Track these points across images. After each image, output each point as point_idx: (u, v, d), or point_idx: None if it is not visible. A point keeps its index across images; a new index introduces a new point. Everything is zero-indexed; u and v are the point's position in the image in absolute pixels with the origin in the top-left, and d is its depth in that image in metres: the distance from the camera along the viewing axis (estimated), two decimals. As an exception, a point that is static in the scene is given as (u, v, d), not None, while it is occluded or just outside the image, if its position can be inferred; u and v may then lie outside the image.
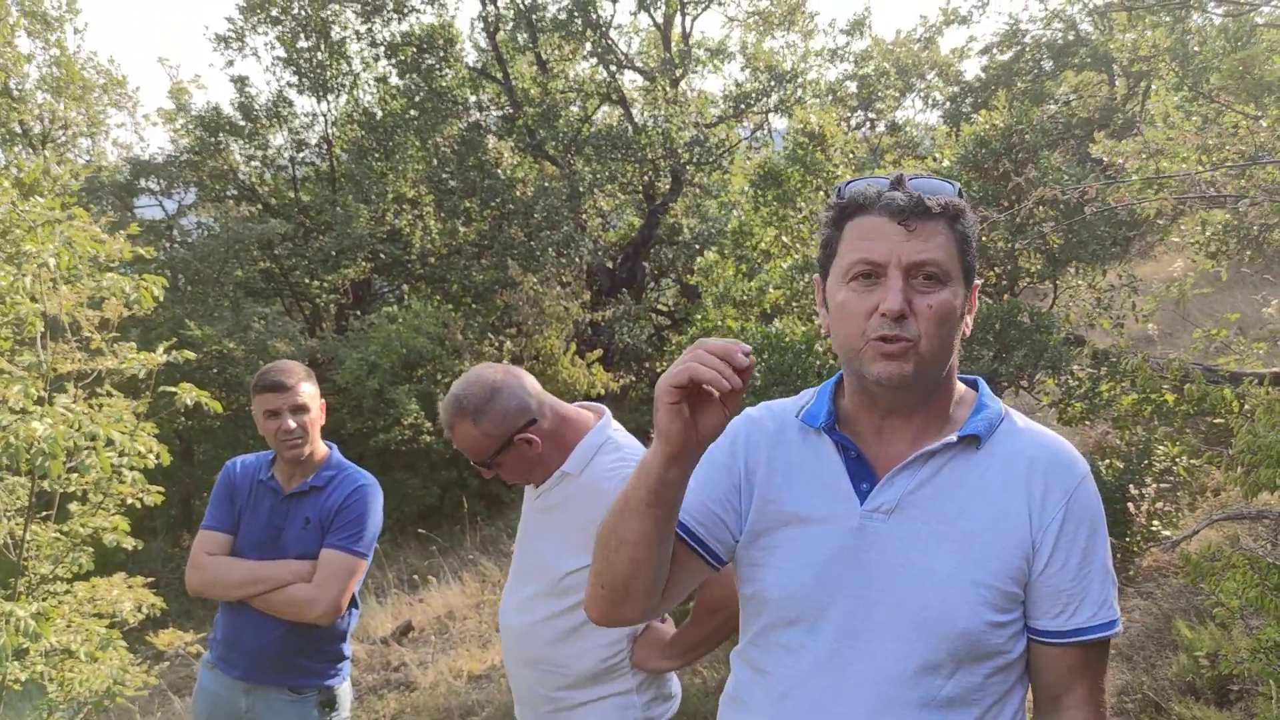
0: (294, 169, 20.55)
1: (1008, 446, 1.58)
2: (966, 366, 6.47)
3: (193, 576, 3.24)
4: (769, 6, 22.00)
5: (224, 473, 3.40)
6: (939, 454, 1.57)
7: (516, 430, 2.51)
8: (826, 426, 1.64)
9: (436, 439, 15.19)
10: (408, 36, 20.15)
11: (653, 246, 20.69)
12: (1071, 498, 1.54)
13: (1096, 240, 7.52)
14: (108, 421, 4.98)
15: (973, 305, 1.61)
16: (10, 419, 4.41)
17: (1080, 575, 1.54)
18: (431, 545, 12.27)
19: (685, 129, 18.85)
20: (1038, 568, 1.53)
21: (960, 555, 1.52)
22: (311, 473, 3.30)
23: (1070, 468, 1.57)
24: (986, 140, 7.78)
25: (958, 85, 26.38)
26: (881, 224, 1.51)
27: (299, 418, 3.20)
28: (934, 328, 1.49)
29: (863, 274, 1.51)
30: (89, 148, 20.54)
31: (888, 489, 1.57)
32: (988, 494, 1.55)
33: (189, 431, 16.18)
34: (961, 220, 1.55)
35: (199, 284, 16.81)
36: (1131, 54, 9.52)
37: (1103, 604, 1.56)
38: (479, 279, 18.13)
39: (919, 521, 1.55)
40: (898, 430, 1.60)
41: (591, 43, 20.42)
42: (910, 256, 1.49)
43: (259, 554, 3.22)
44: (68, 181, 7.43)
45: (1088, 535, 1.54)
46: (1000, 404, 1.66)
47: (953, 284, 1.52)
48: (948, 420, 1.62)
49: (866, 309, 1.50)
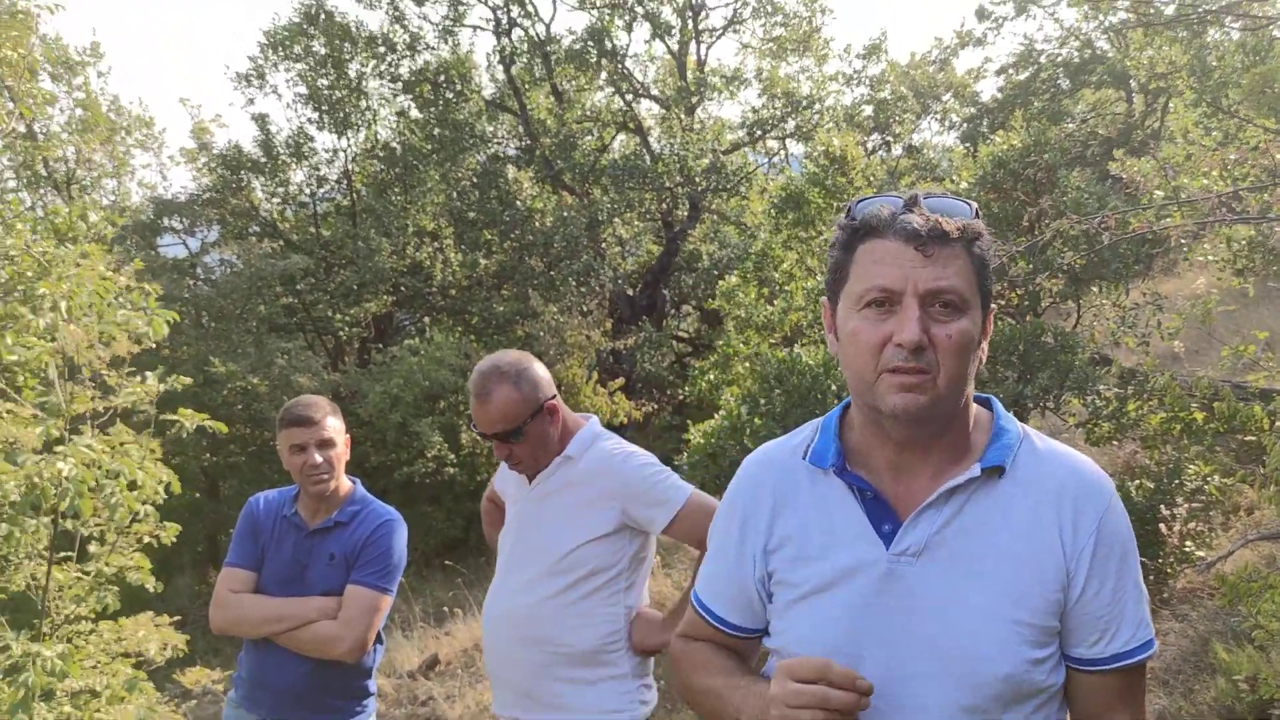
0: (315, 204, 20.75)
1: (1031, 472, 1.51)
2: (990, 389, 6.41)
3: (216, 615, 3.22)
4: (784, 33, 22.08)
5: (247, 509, 3.38)
6: (962, 489, 1.50)
7: (548, 397, 2.68)
8: (837, 467, 1.56)
9: (460, 470, 15.19)
10: (424, 72, 20.36)
11: (672, 273, 20.73)
12: (1102, 521, 1.48)
13: (1119, 259, 7.45)
14: (128, 459, 4.98)
15: (988, 330, 1.53)
16: (34, 459, 4.43)
17: (1115, 599, 1.48)
18: (457, 577, 12.23)
19: (702, 156, 18.92)
20: (1073, 596, 1.47)
21: (995, 594, 1.46)
22: (336, 508, 3.27)
23: (1098, 490, 1.51)
24: (1005, 161, 7.75)
25: (974, 106, 26.33)
26: (896, 248, 1.43)
27: (325, 452, 3.19)
28: (952, 359, 1.42)
29: (876, 301, 1.43)
30: (114, 188, 20.80)
31: (913, 530, 1.50)
32: (1016, 526, 1.48)
33: (214, 467, 16.28)
34: (979, 243, 1.47)
35: (223, 321, 16.94)
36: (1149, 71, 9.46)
37: (1139, 624, 1.50)
38: (500, 310, 18.21)
39: (947, 562, 1.48)
40: (915, 465, 1.52)
41: (607, 72, 20.57)
42: (927, 284, 1.41)
43: (283, 591, 3.19)
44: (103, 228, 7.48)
45: (1120, 557, 1.49)
46: (1017, 424, 1.58)
47: (971, 311, 1.44)
48: (967, 449, 1.54)
49: (880, 338, 1.43)
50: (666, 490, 2.65)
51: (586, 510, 2.68)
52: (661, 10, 21.09)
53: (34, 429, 4.73)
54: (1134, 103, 22.46)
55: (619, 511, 2.66)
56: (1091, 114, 23.36)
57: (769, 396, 6.61)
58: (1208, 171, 6.13)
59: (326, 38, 19.47)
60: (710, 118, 22.02)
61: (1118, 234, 5.65)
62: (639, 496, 2.66)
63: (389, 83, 20.23)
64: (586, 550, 2.67)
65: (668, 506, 2.63)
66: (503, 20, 20.57)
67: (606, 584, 2.69)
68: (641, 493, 2.66)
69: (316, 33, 19.46)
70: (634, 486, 2.66)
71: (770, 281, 11.88)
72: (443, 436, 14.95)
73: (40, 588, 5.85)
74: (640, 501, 2.66)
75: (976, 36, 24.95)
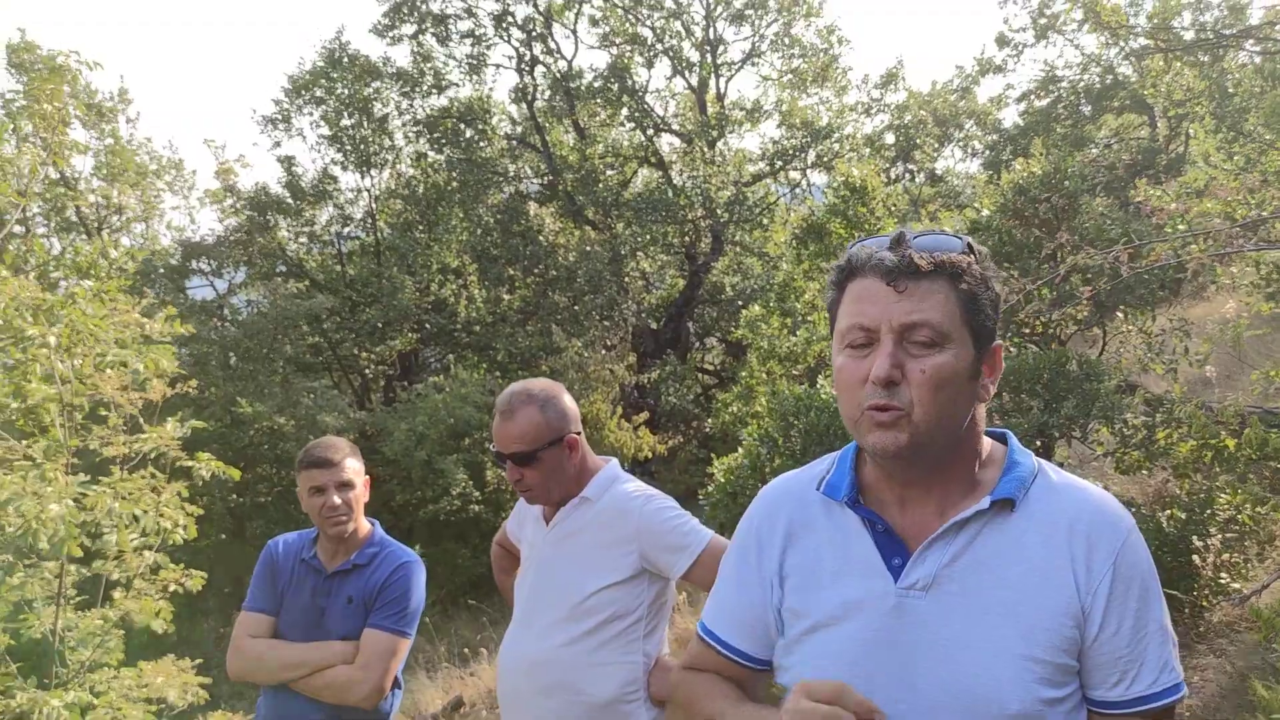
0: (339, 244, 20.96)
1: (1044, 506, 1.47)
2: (1014, 419, 6.32)
3: (234, 661, 3.19)
4: (802, 65, 22.19)
5: (265, 552, 3.35)
6: (971, 522, 1.47)
7: (569, 431, 2.66)
8: (850, 500, 1.54)
9: (485, 508, 15.18)
10: (447, 111, 20.60)
11: (696, 306, 20.74)
12: (1118, 556, 1.43)
13: (1144, 285, 7.35)
14: (127, 500, 4.97)
15: (995, 366, 1.50)
16: (28, 502, 4.42)
17: (1136, 639, 1.42)
18: (482, 616, 12.17)
19: (724, 188, 18.97)
20: (1090, 635, 1.42)
21: (1005, 629, 1.41)
22: (354, 550, 3.25)
23: (1114, 524, 1.46)
24: (1026, 188, 7.70)
25: (996, 133, 26.29)
26: (873, 286, 1.44)
27: (344, 494, 3.18)
28: (928, 394, 1.40)
29: (857, 340, 1.44)
30: (143, 231, 21.11)
31: (921, 564, 1.47)
32: (1028, 560, 1.44)
33: (240, 508, 16.33)
34: (965, 277, 1.44)
35: (249, 361, 17.08)
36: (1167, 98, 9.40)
37: (1163, 668, 1.44)
38: (524, 345, 18.26)
39: (957, 596, 1.44)
40: (921, 500, 1.50)
41: (628, 108, 20.72)
42: (901, 319, 1.41)
43: (302, 635, 3.15)
44: (124, 263, 7.58)
45: (1140, 595, 1.43)
46: (1033, 458, 1.55)
47: (953, 346, 1.42)
48: (975, 484, 1.51)
49: (861, 376, 1.43)
50: (686, 535, 2.60)
51: (604, 554, 2.63)
52: (681, 46, 21.29)
53: (31, 472, 4.72)
54: (1157, 128, 22.35)
55: (638, 556, 2.61)
56: (1114, 139, 23.25)
57: (787, 435, 6.56)
58: (1228, 199, 6.06)
59: (352, 75, 19.76)
60: (731, 150, 22.13)
61: (1135, 266, 5.58)
62: (658, 541, 2.60)
63: (412, 122, 20.49)
64: (605, 595, 2.61)
65: (687, 552, 2.57)
66: (525, 58, 20.82)
67: (625, 630, 2.62)
68: (660, 537, 2.60)
69: (340, 74, 19.75)
70: (653, 530, 2.61)
71: (793, 312, 11.85)
72: (468, 474, 14.96)
73: (53, 633, 5.85)
74: (659, 546, 2.60)
75: (997, 64, 24.97)
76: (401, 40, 20.67)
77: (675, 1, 20.83)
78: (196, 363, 15.87)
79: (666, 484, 17.31)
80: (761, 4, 21.15)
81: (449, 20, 20.47)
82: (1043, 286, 6.42)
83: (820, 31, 22.01)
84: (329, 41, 20.09)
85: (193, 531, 5.70)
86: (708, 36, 21.37)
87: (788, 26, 21.76)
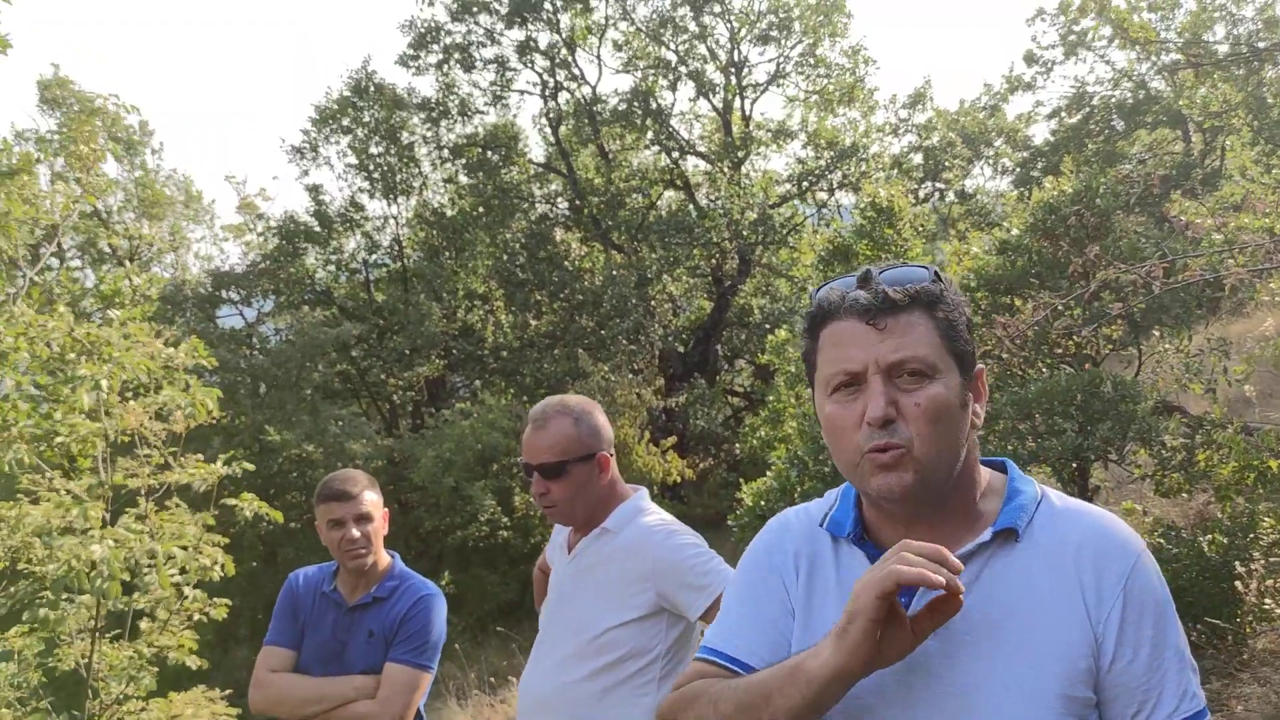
0: (367, 271, 21.10)
1: (1049, 533, 1.42)
2: (1048, 442, 6.18)
3: (256, 696, 3.17)
4: (828, 85, 22.14)
5: (287, 586, 3.33)
6: (975, 556, 1.41)
7: (601, 449, 2.60)
8: (854, 537, 1.50)
9: (513, 534, 15.13)
10: (473, 137, 20.73)
11: (724, 329, 20.67)
12: (1129, 581, 1.37)
13: (1180, 303, 7.19)
14: (168, 539, 5.00)
15: (980, 393, 1.47)
16: (69, 542, 4.44)
17: (1153, 666, 1.36)
18: (512, 643, 12.09)
19: (749, 210, 18.92)
20: (1104, 664, 1.36)
21: (1016, 664, 1.36)
22: (375, 583, 3.22)
23: (1122, 548, 1.40)
24: (1056, 206, 7.56)
25: (1027, 150, 26.12)
26: (851, 328, 1.40)
27: (362, 527, 3.15)
28: (927, 427, 1.36)
29: (844, 385, 1.40)
30: (173, 261, 21.37)
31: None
32: (1035, 591, 1.38)
33: (271, 535, 16.37)
34: (941, 305, 1.42)
35: (278, 389, 17.18)
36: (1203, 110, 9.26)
37: (1184, 695, 1.37)
38: (551, 370, 18.25)
39: (965, 633, 1.38)
40: (925, 538, 1.40)
41: (653, 131, 20.76)
42: (888, 357, 1.37)
43: (323, 669, 3.12)
44: (147, 290, 7.65)
45: (1154, 620, 1.37)
46: (1035, 485, 1.50)
47: (942, 375, 1.39)
48: (978, 517, 1.46)
49: (854, 420, 1.39)
50: (706, 574, 2.46)
51: (622, 590, 2.52)
52: (705, 69, 21.32)
53: (72, 510, 4.75)
54: (1192, 142, 22.09)
55: (654, 593, 2.49)
56: (1148, 155, 23.01)
57: (817, 458, 6.45)
58: (1266, 213, 5.90)
59: (379, 105, 19.95)
60: (758, 171, 22.09)
61: (1169, 282, 5.44)
62: (676, 579, 2.48)
63: (438, 149, 20.64)
64: (620, 633, 2.50)
65: (707, 592, 2.43)
66: (549, 84, 20.93)
67: (640, 671, 2.50)
68: (679, 575, 2.48)
69: (366, 103, 19.94)
70: (672, 568, 2.49)
71: (821, 336, 11.71)
72: (496, 499, 14.93)
73: (87, 667, 5.86)
74: (677, 584, 2.47)
75: (1026, 81, 24.82)
76: (427, 70, 20.86)
77: (699, 24, 20.87)
78: (226, 391, 15.98)
79: (695, 508, 17.20)
80: (786, 25, 21.14)
81: (472, 48, 20.63)
82: (1072, 304, 6.28)
83: (846, 51, 21.98)
84: (355, 72, 20.35)
85: (230, 569, 5.71)
86: (732, 59, 21.38)
87: (813, 47, 21.73)
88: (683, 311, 21.77)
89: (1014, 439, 6.35)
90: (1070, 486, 6.87)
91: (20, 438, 5.17)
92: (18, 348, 5.32)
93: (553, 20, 20.46)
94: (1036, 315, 6.18)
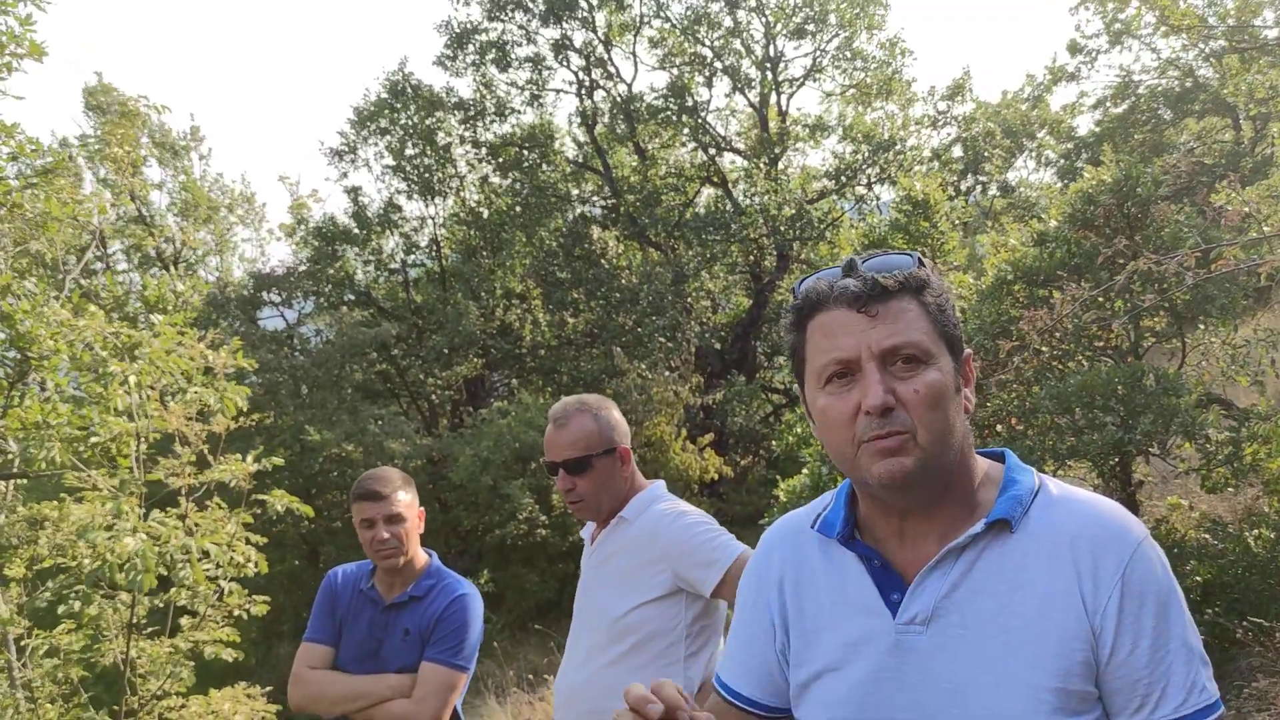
0: (405, 271, 21.25)
1: (1045, 523, 1.39)
2: (1088, 436, 6.05)
3: (294, 692, 3.19)
4: (865, 79, 21.94)
5: (325, 582, 3.36)
6: (968, 547, 1.38)
7: (621, 442, 2.71)
8: (844, 537, 1.48)
9: (552, 532, 15.15)
10: (509, 137, 20.79)
11: (763, 325, 20.57)
12: (1127, 570, 1.33)
13: (1225, 294, 7.01)
14: (202, 534, 5.05)
15: (969, 377, 1.45)
16: (102, 536, 4.49)
17: (1155, 659, 1.32)
18: (550, 641, 12.12)
19: (787, 205, 18.80)
20: (1104, 656, 1.32)
21: (1011, 660, 1.33)
22: (411, 582, 3.23)
23: (1120, 536, 1.35)
24: (1094, 197, 7.41)
25: (1071, 141, 25.70)
26: (842, 316, 1.38)
27: (393, 528, 3.16)
28: (926, 412, 1.34)
29: (836, 375, 1.38)
30: (217, 265, 21.64)
31: (918, 596, 1.40)
32: (1031, 583, 1.35)
33: (313, 533, 16.55)
34: (928, 291, 1.40)
35: (319, 389, 17.34)
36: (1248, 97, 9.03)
37: (1192, 688, 1.32)
38: (588, 368, 18.27)
39: (959, 628, 1.37)
40: (922, 530, 1.43)
41: (689, 128, 20.70)
42: (881, 343, 1.35)
43: (360, 667, 3.14)
44: (190, 297, 7.77)
45: (1156, 610, 1.33)
46: (1033, 475, 1.46)
47: (936, 360, 1.37)
48: (974, 507, 1.43)
49: (849, 411, 1.36)
50: (715, 550, 2.53)
51: (639, 573, 2.61)
52: (741, 64, 21.21)
53: (106, 504, 4.81)
54: (1241, 130, 21.63)
55: (670, 574, 2.57)
56: (1196, 143, 22.57)
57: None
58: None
59: (416, 106, 20.06)
60: (795, 167, 21.95)
61: (1203, 272, 5.30)
62: (687, 557, 2.55)
63: (474, 148, 20.72)
64: (640, 613, 2.58)
65: (716, 566, 2.50)
66: (585, 82, 20.94)
67: (665, 651, 2.57)
68: (690, 553, 2.55)
69: (403, 105, 20.06)
70: (682, 546, 2.56)
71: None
72: (534, 498, 14.96)
73: (125, 662, 5.94)
74: (688, 562, 2.55)
75: (1070, 71, 24.43)
76: (464, 72, 20.95)
77: (734, 19, 20.77)
78: (267, 391, 16.17)
79: (735, 505, 17.13)
80: (822, 18, 20.98)
81: (508, 47, 20.68)
82: (1112, 295, 6.15)
83: (883, 44, 21.77)
84: (392, 73, 20.48)
85: (264, 567, 5.77)
86: (768, 54, 21.26)
87: (849, 40, 21.55)
88: (721, 308, 21.69)
89: (1053, 434, 6.23)
90: (1112, 482, 6.74)
91: (57, 437, 5.25)
92: (57, 349, 5.40)
93: (588, 19, 20.47)
94: (1066, 308, 6.06)
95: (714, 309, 21.19)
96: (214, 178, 20.83)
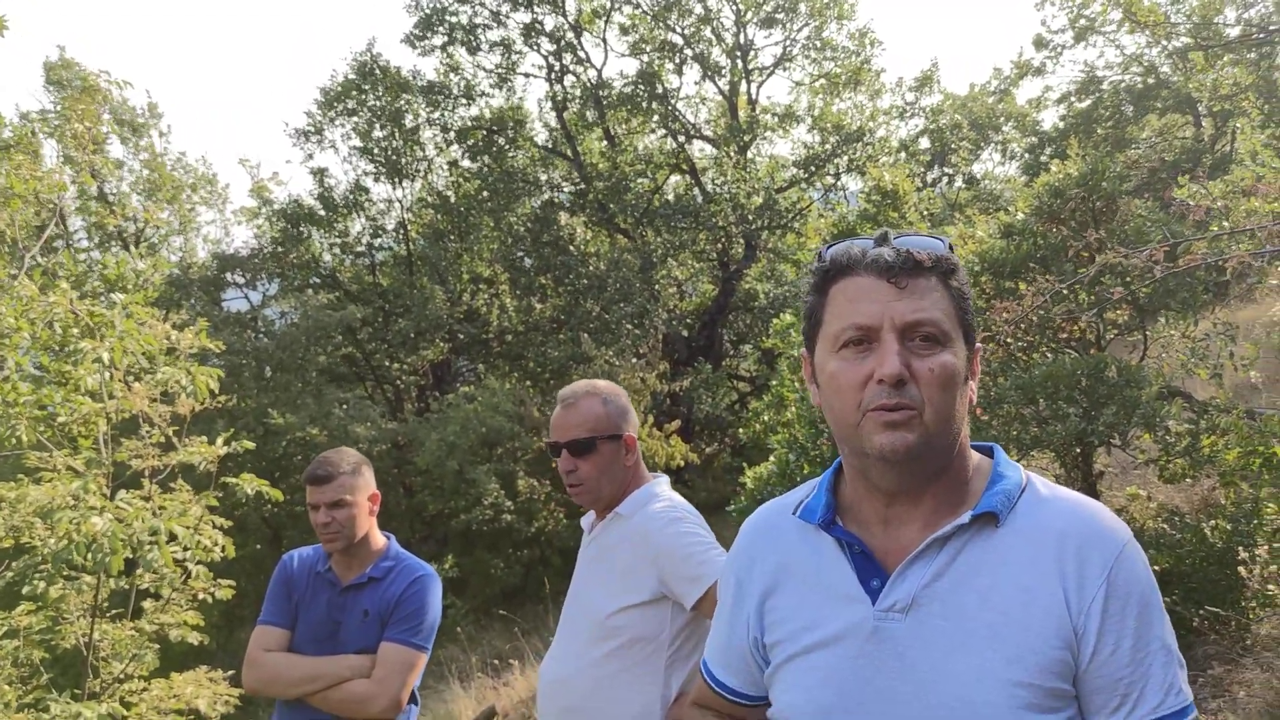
0: (372, 254, 21.08)
1: (1032, 520, 1.39)
2: (1052, 427, 6.15)
3: (249, 675, 3.15)
4: (835, 69, 22.02)
5: (281, 565, 3.33)
6: (953, 538, 1.39)
7: (627, 430, 2.70)
8: (825, 522, 1.48)
9: (518, 518, 15.13)
10: (478, 120, 20.65)
11: (729, 313, 20.62)
12: (1112, 571, 1.34)
13: (1186, 288, 7.13)
14: (169, 516, 4.99)
15: (975, 369, 1.45)
16: (69, 516, 4.43)
17: (1137, 659, 1.33)
18: (514, 627, 12.13)
19: (755, 194, 18.85)
20: (1085, 657, 1.33)
21: (988, 653, 1.33)
22: (370, 564, 3.22)
23: (1107, 537, 1.37)
24: (1061, 190, 7.51)
25: (1035, 135, 25.95)
26: (870, 284, 1.38)
27: (335, 512, 3.15)
28: (937, 393, 1.34)
29: (854, 340, 1.37)
30: (181, 245, 21.36)
31: (900, 584, 1.40)
32: (1014, 578, 1.36)
33: (275, 518, 16.41)
34: (955, 277, 1.42)
35: (282, 372, 17.18)
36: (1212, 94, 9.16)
37: (1169, 689, 1.33)
38: (555, 355, 18.24)
39: (939, 618, 1.37)
40: (906, 516, 1.43)
41: (659, 115, 20.67)
42: (905, 316, 1.35)
43: (317, 649, 3.12)
44: (151, 276, 7.66)
45: (1139, 612, 1.34)
46: (1021, 471, 1.47)
47: (953, 345, 1.38)
48: (963, 498, 1.43)
49: (860, 378, 1.36)
50: (701, 565, 2.46)
51: (627, 574, 2.56)
52: (711, 52, 21.20)
53: (71, 484, 4.74)
54: (1202, 127, 21.95)
55: (657, 580, 2.51)
56: (1158, 139, 22.88)
57: (816, 443, 6.43)
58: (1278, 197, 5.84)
59: (384, 89, 19.87)
60: (764, 155, 21.99)
61: (1171, 267, 5.39)
62: (674, 568, 2.49)
63: (443, 132, 20.57)
64: (626, 616, 2.53)
65: (700, 582, 2.44)
66: (555, 67, 20.83)
67: (647, 657, 2.51)
68: (676, 564, 2.49)
69: (371, 86, 19.87)
70: (670, 556, 2.50)
71: (825, 320, 11.67)
72: (500, 483, 14.92)
73: (88, 645, 5.87)
74: (675, 574, 2.49)
75: (1035, 66, 24.65)
76: (432, 51, 20.78)
77: (704, 7, 20.75)
78: (230, 374, 16.00)
79: (700, 492, 17.20)
80: (792, 7, 21.01)
81: (478, 30, 20.53)
82: (1077, 288, 6.24)
83: (852, 34, 21.84)
84: (360, 54, 20.25)
85: (231, 551, 5.72)
86: (738, 42, 21.26)
87: (819, 30, 21.60)
88: (688, 296, 21.72)
89: (1017, 424, 6.32)
90: (1074, 471, 6.85)
91: (21, 415, 5.16)
92: (19, 328, 5.30)
93: (559, 3, 20.36)
94: (1036, 300, 6.13)
95: (681, 296, 21.21)
96: (176, 156, 20.54)
